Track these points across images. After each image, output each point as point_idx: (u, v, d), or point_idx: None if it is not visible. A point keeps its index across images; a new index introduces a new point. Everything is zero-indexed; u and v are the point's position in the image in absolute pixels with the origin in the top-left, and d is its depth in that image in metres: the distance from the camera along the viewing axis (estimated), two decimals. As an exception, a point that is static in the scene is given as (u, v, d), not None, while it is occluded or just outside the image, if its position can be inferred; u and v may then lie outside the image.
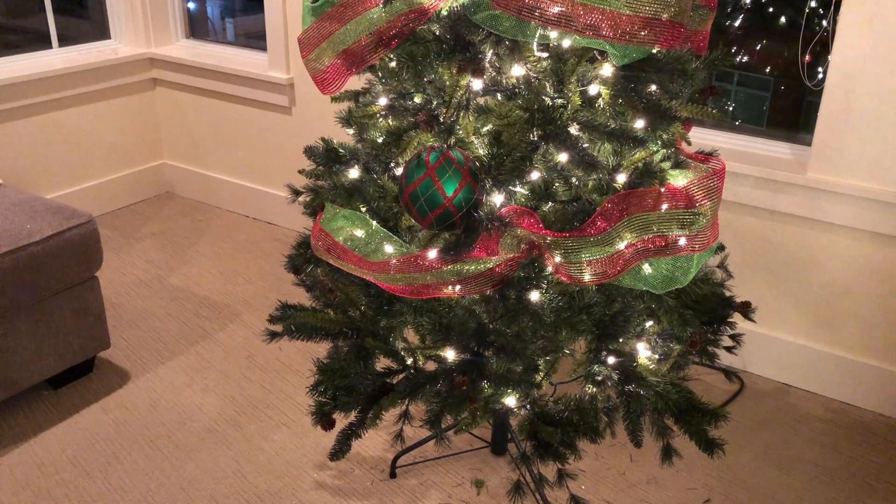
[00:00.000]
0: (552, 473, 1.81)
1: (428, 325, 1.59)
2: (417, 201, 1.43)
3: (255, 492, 2.12)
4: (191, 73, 3.62)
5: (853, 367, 2.50)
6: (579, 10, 1.32)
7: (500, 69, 1.53)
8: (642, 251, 1.48)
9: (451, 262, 1.49)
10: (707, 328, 1.68)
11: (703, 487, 2.17)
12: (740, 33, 2.77)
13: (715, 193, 1.52)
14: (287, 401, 2.48)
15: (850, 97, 2.24)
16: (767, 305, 2.58)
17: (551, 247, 1.46)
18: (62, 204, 2.41)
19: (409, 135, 1.58)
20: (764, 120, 2.88)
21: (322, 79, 1.67)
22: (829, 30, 2.33)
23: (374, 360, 1.70)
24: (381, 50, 1.52)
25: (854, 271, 2.41)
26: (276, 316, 1.78)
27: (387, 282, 1.57)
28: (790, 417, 2.47)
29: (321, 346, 1.77)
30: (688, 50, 1.44)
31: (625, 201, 1.45)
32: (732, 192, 2.49)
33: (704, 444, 1.57)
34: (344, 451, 1.76)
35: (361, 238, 1.62)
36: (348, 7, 1.53)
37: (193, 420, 2.39)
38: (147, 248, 3.45)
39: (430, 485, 2.16)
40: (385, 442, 2.30)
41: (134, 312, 2.95)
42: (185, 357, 2.69)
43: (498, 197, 1.51)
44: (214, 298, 3.06)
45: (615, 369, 1.55)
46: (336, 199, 1.70)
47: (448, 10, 1.45)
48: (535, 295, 1.52)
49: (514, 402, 1.62)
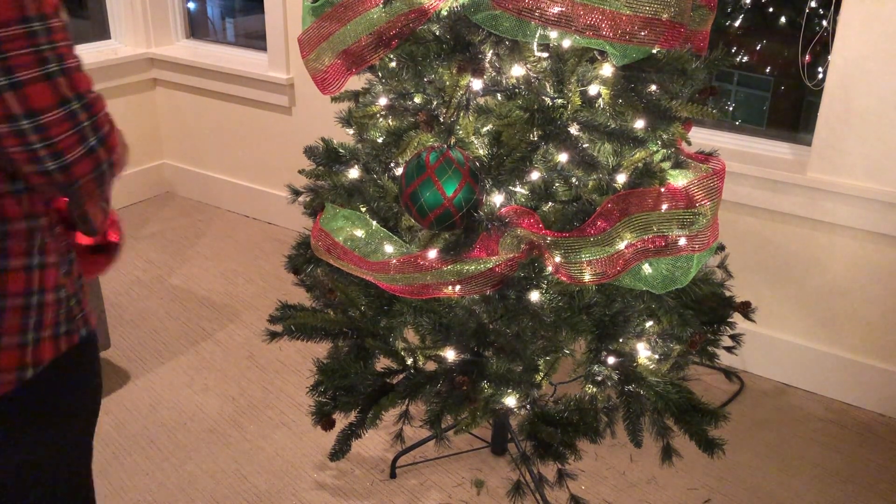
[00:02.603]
0: (552, 473, 1.80)
1: (428, 325, 1.59)
2: (417, 201, 1.43)
3: (255, 492, 2.12)
4: (191, 73, 3.62)
5: (853, 368, 2.50)
6: (579, 10, 1.32)
7: (500, 69, 1.53)
8: (642, 251, 1.48)
9: (451, 262, 1.49)
10: (707, 328, 1.68)
11: (703, 487, 2.17)
12: (740, 33, 2.77)
13: (715, 193, 1.52)
14: (287, 401, 2.48)
15: (850, 97, 2.24)
16: (767, 305, 2.58)
17: (551, 247, 1.46)
18: (62, 204, 2.41)
19: (409, 135, 1.58)
20: (764, 120, 2.88)
21: (322, 79, 1.67)
22: (829, 30, 2.33)
23: (374, 360, 1.70)
24: (381, 50, 1.52)
25: (854, 271, 2.41)
26: (276, 316, 1.78)
27: (387, 282, 1.57)
28: (790, 417, 2.47)
29: (321, 346, 1.76)
30: (688, 50, 1.44)
31: (625, 201, 1.45)
32: (732, 192, 2.49)
33: (704, 444, 1.57)
34: (344, 451, 1.76)
35: (361, 238, 1.62)
36: (348, 7, 1.53)
37: (193, 420, 2.39)
38: (147, 248, 3.45)
39: (430, 485, 2.16)
40: (385, 442, 2.30)
41: (134, 312, 2.95)
42: (185, 357, 2.69)
43: (498, 197, 1.51)
44: (214, 298, 3.06)
45: (615, 369, 1.55)
46: (336, 199, 1.70)
47: (448, 10, 1.45)
48: (535, 295, 1.52)
49: (514, 402, 1.62)
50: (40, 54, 0.85)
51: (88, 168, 0.93)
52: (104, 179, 0.99)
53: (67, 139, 0.89)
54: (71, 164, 0.90)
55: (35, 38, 0.84)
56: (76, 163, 0.91)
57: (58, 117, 0.87)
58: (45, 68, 0.85)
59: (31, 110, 0.85)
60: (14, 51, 0.83)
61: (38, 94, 0.85)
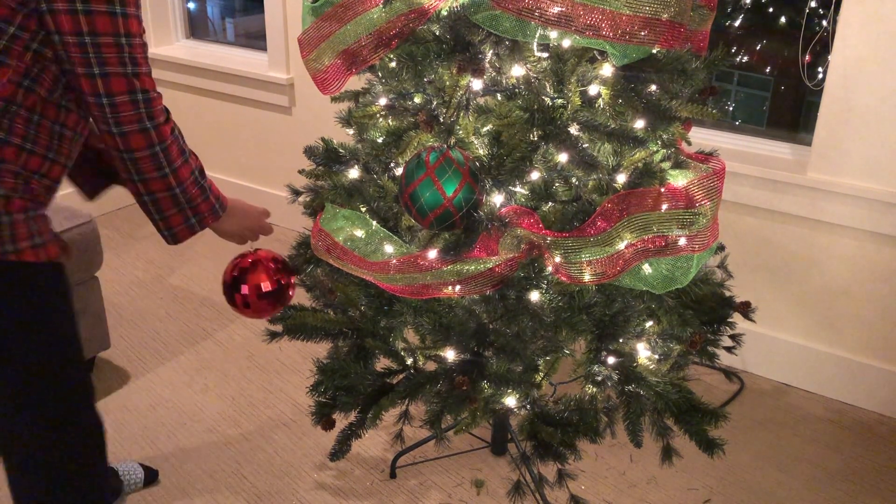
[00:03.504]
0: (552, 473, 1.80)
1: (428, 325, 1.59)
2: (417, 201, 1.43)
3: (255, 492, 2.12)
4: (191, 73, 3.62)
5: (853, 368, 2.50)
6: (579, 10, 1.32)
7: (500, 69, 1.53)
8: (642, 251, 1.48)
9: (451, 262, 1.49)
10: (707, 328, 1.68)
11: (703, 487, 2.17)
12: (740, 33, 2.77)
13: (715, 193, 1.52)
14: (287, 401, 2.48)
15: (850, 97, 2.24)
16: (767, 305, 2.58)
17: (551, 247, 1.46)
18: (62, 204, 2.41)
19: (409, 135, 1.58)
20: (764, 120, 2.88)
21: (322, 79, 1.67)
22: (829, 30, 2.33)
23: (374, 360, 1.70)
24: (381, 50, 1.52)
25: (854, 271, 2.41)
26: (276, 316, 1.78)
27: (387, 282, 1.57)
28: (790, 417, 2.47)
29: (321, 346, 1.77)
30: (688, 50, 1.44)
31: (625, 201, 1.45)
32: (732, 192, 2.49)
33: (704, 444, 1.57)
34: (344, 452, 1.76)
35: (361, 238, 1.62)
36: (348, 7, 1.53)
37: (193, 420, 2.39)
38: (147, 248, 3.45)
39: (430, 485, 2.16)
40: (385, 442, 2.30)
41: (134, 312, 2.95)
42: (185, 357, 2.69)
43: (498, 197, 1.51)
44: (214, 298, 3.06)
45: (615, 369, 1.55)
46: (336, 199, 1.70)
47: (448, 10, 1.45)
48: (535, 295, 1.52)
49: (514, 402, 1.62)
50: (122, 58, 1.30)
51: (143, 143, 1.35)
52: (160, 164, 1.40)
53: (128, 116, 1.33)
54: (128, 133, 1.34)
55: (121, 48, 1.30)
56: (131, 134, 1.34)
57: (125, 101, 1.32)
58: (125, 69, 1.31)
59: (111, 92, 1.31)
60: (108, 54, 1.29)
61: (117, 83, 1.31)
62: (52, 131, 1.36)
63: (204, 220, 1.54)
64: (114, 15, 1.27)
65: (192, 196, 1.49)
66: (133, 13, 1.31)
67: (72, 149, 1.43)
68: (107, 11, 1.26)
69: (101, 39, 1.27)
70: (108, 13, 1.26)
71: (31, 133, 1.33)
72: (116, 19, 1.28)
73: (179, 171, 1.44)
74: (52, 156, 1.38)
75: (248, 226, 1.70)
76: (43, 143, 1.35)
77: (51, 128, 1.36)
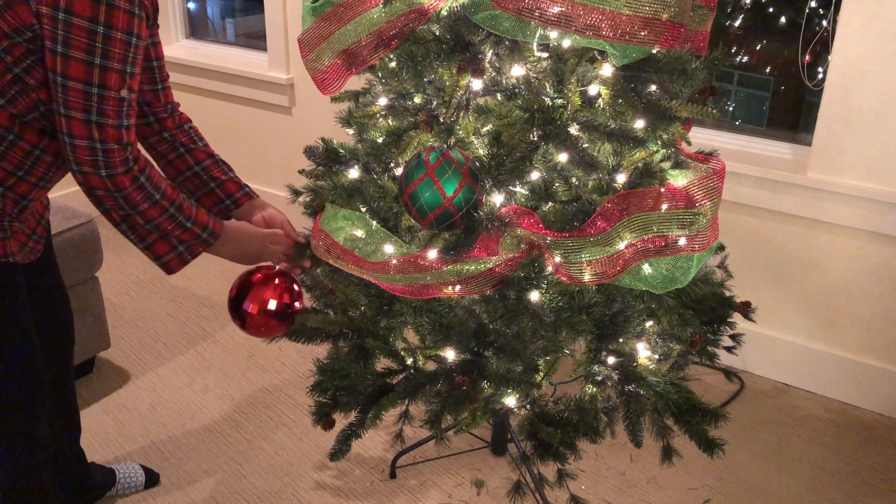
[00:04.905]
0: (552, 473, 1.81)
1: (428, 325, 1.59)
2: (417, 201, 1.43)
3: (255, 492, 2.12)
4: (191, 73, 3.62)
5: (853, 367, 2.50)
6: (579, 10, 1.32)
7: (500, 69, 1.53)
8: (642, 251, 1.48)
9: (451, 262, 1.49)
10: (707, 328, 1.68)
11: (703, 487, 2.17)
12: (740, 33, 2.77)
13: (715, 193, 1.52)
14: (287, 401, 2.48)
15: (850, 97, 2.24)
16: (767, 305, 2.58)
17: (551, 247, 1.46)
18: (62, 204, 2.41)
19: (409, 135, 1.58)
20: (764, 120, 2.88)
21: (322, 79, 1.67)
22: (829, 30, 2.33)
23: (374, 361, 1.69)
24: (381, 50, 1.52)
25: (854, 271, 2.41)
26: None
27: (387, 282, 1.57)
28: (790, 417, 2.47)
29: (321, 347, 1.77)
30: (688, 50, 1.44)
31: (625, 201, 1.45)
32: (732, 192, 2.49)
33: (704, 444, 1.57)
34: (344, 452, 1.75)
35: (361, 238, 1.62)
36: (348, 7, 1.53)
37: (193, 420, 2.39)
38: (147, 248, 3.45)
39: (430, 485, 2.16)
40: (385, 442, 2.30)
41: (134, 312, 2.95)
42: (185, 357, 2.69)
43: (498, 197, 1.51)
44: (214, 298, 3.06)
45: (615, 369, 1.55)
46: (336, 200, 1.70)
47: (448, 10, 1.45)
48: (535, 295, 1.52)
49: (514, 402, 1.62)
50: (88, 106, 1.33)
51: (100, 184, 1.38)
52: (121, 205, 1.42)
53: (84, 160, 1.36)
54: (86, 173, 1.37)
55: (88, 97, 1.32)
56: (88, 175, 1.37)
57: (83, 145, 1.35)
58: (87, 115, 1.34)
59: (71, 134, 1.34)
60: (73, 98, 1.32)
61: (77, 126, 1.34)
62: (28, 153, 1.42)
63: (192, 247, 1.54)
64: (90, 65, 1.30)
65: (166, 231, 1.50)
66: (115, 68, 1.32)
67: (49, 173, 1.48)
68: (84, 60, 1.29)
69: (70, 83, 1.30)
70: (85, 62, 1.29)
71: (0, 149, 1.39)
72: (92, 69, 1.30)
73: (146, 213, 1.45)
74: (21, 174, 1.43)
75: (248, 252, 1.67)
76: (13, 161, 1.41)
77: (28, 149, 1.42)
